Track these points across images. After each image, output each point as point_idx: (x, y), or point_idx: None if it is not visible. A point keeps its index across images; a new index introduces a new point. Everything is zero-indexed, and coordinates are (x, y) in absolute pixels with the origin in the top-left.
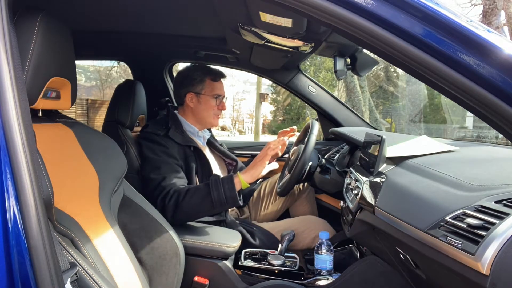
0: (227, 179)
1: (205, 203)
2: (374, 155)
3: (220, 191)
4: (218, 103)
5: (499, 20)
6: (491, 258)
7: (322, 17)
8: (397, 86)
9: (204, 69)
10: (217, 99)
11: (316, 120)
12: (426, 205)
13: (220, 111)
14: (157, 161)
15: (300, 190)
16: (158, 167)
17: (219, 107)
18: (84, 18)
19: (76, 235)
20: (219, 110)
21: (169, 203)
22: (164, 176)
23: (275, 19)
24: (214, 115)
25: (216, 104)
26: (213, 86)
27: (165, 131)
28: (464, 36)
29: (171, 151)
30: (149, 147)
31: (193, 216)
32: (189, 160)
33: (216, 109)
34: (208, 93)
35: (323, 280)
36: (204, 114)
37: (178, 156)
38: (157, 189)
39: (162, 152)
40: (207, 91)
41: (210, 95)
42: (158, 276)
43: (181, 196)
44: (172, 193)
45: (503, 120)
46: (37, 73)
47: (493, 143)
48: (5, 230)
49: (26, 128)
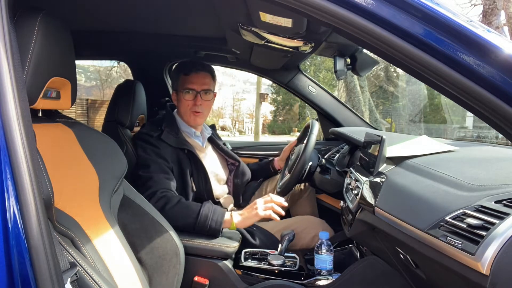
0: (219, 213)
1: (188, 221)
2: (374, 155)
3: (207, 221)
4: (191, 98)
5: (499, 20)
6: (491, 258)
7: (322, 17)
8: (397, 86)
9: (180, 64)
10: (189, 93)
11: (316, 120)
12: (426, 205)
13: (197, 106)
14: (147, 159)
15: (300, 190)
16: (147, 165)
17: (195, 103)
18: (84, 18)
19: (76, 235)
20: (196, 106)
21: (155, 204)
22: (151, 175)
23: (275, 19)
24: (190, 112)
25: (189, 99)
26: (185, 80)
27: (159, 133)
28: (464, 36)
29: (162, 152)
30: (142, 147)
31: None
32: (182, 163)
33: (192, 105)
34: (181, 88)
35: (323, 280)
36: (182, 112)
37: (169, 158)
38: (144, 187)
39: (153, 152)
40: (180, 87)
41: (182, 91)
42: (158, 276)
43: (169, 203)
44: (160, 195)
45: (503, 120)
46: (37, 73)
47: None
48: (5, 230)
49: (26, 128)
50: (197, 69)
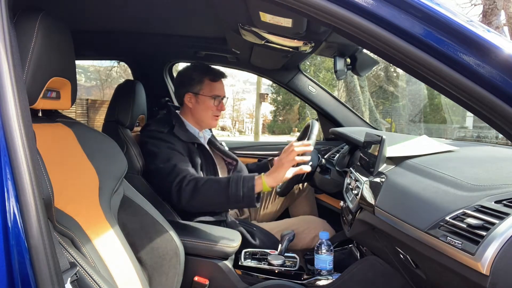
0: (248, 178)
1: (221, 196)
2: (374, 155)
3: (239, 188)
4: (217, 103)
5: (499, 20)
6: (491, 258)
7: (322, 17)
8: (397, 86)
9: (204, 68)
10: (215, 99)
11: (316, 120)
12: (426, 205)
13: (219, 112)
14: (165, 153)
15: (300, 190)
16: (167, 158)
17: (218, 108)
18: (84, 18)
19: (76, 235)
20: (218, 111)
21: (187, 186)
22: (175, 164)
23: (275, 19)
24: (212, 116)
25: (214, 105)
26: (212, 87)
27: (168, 129)
28: (464, 36)
29: (176, 147)
30: (155, 144)
31: (206, 206)
32: (193, 156)
33: (215, 110)
34: (206, 93)
35: (323, 280)
36: (202, 115)
37: (183, 152)
38: (171, 175)
39: (167, 147)
40: (205, 91)
41: (208, 96)
42: (158, 276)
43: (200, 182)
44: (189, 178)
45: (503, 120)
46: (37, 73)
47: (493, 143)
48: (5, 230)
49: (26, 128)
50: (222, 76)
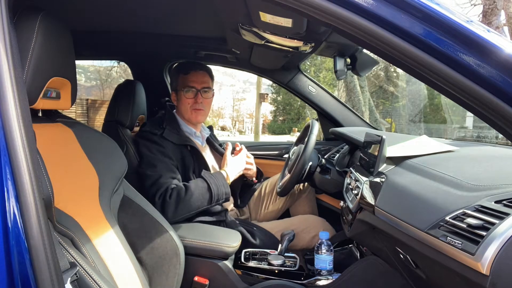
0: (219, 176)
1: (205, 200)
2: (374, 155)
3: (218, 185)
4: (192, 96)
5: (499, 20)
6: (491, 258)
7: (322, 17)
8: (397, 86)
9: (178, 65)
10: (189, 92)
11: (316, 120)
12: (426, 205)
13: (197, 104)
14: (153, 158)
15: (300, 190)
16: (154, 165)
17: (196, 100)
18: (84, 18)
19: (76, 235)
20: (196, 103)
21: (171, 199)
22: (160, 174)
23: (275, 19)
24: (191, 109)
25: (189, 97)
26: (185, 79)
27: (161, 131)
28: (464, 36)
29: (166, 151)
30: (146, 145)
31: (194, 210)
32: (185, 160)
33: (192, 103)
34: (180, 87)
35: (323, 280)
36: (183, 110)
37: (173, 156)
38: (154, 186)
39: (158, 151)
40: (180, 86)
41: (183, 90)
42: (158, 276)
43: (182, 192)
44: (171, 189)
45: (503, 120)
46: (37, 73)
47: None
48: (5, 230)
49: (26, 128)
50: (196, 68)
